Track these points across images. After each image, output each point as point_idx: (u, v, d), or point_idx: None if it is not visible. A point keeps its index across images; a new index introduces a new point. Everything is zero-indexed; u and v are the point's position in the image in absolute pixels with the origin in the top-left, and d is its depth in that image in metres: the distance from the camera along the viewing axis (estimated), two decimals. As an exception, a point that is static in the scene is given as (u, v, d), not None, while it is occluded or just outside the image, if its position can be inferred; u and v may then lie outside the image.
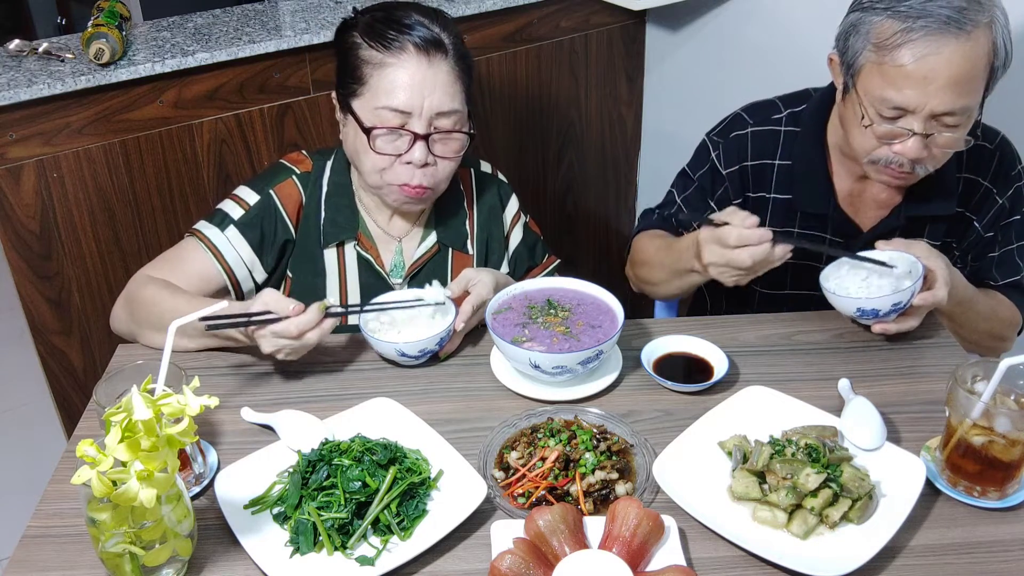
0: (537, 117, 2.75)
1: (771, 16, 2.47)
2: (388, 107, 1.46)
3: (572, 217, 3.00)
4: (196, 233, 1.58)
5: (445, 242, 1.66)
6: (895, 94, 1.37)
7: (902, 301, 1.39)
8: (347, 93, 1.52)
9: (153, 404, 0.99)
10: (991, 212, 1.58)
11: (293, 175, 1.61)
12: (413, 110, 1.46)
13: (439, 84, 1.47)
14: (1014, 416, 1.14)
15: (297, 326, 1.33)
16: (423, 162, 1.49)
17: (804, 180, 1.61)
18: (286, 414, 1.33)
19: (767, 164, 1.63)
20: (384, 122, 1.47)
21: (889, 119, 1.40)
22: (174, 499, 1.05)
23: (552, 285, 1.52)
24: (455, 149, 1.52)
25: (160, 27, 2.28)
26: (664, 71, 2.88)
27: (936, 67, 1.33)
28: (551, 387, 1.39)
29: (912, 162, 1.43)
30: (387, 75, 1.46)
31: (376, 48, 1.47)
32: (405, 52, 1.46)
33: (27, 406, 2.96)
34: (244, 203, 1.59)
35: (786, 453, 1.19)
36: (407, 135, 1.48)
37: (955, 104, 1.36)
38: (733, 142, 1.65)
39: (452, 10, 2.39)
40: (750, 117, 1.66)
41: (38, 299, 2.11)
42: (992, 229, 1.60)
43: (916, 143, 1.40)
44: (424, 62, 1.46)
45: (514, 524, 1.13)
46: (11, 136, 1.97)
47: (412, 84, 1.46)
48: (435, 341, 1.42)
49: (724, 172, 1.65)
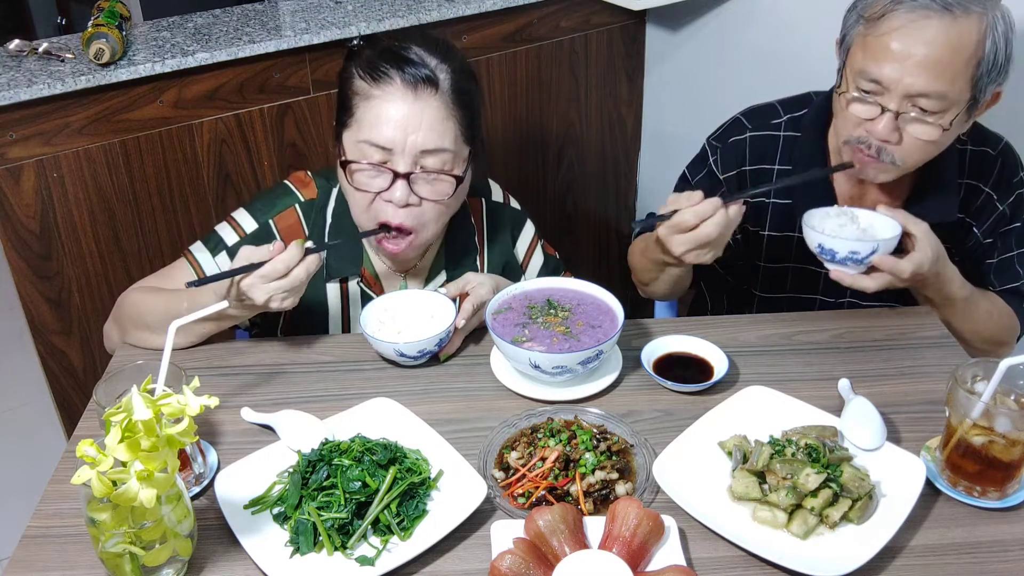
0: (537, 117, 2.75)
1: (771, 16, 2.47)
2: (370, 141, 1.40)
3: (572, 217, 3.00)
4: (188, 255, 1.54)
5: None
6: (873, 66, 1.38)
7: (860, 252, 1.38)
8: (339, 125, 1.47)
9: (153, 404, 0.99)
10: (991, 218, 1.58)
11: (297, 204, 1.55)
12: (395, 146, 1.40)
13: (425, 121, 1.40)
14: (1014, 416, 1.14)
15: (283, 262, 1.30)
16: (404, 202, 1.42)
17: (804, 186, 1.60)
18: (286, 414, 1.33)
19: (766, 169, 1.63)
20: (365, 157, 1.42)
21: (865, 92, 1.41)
22: (174, 499, 1.05)
23: (552, 285, 1.52)
24: (442, 192, 1.44)
25: (160, 27, 2.28)
26: (664, 71, 2.88)
27: (915, 42, 1.34)
28: (551, 387, 1.39)
29: (880, 145, 1.43)
30: (372, 108, 1.41)
31: (366, 80, 1.42)
32: (392, 85, 1.40)
33: (27, 406, 2.96)
34: (240, 229, 1.54)
35: (786, 453, 1.19)
36: (387, 173, 1.42)
37: (930, 86, 1.35)
38: (731, 147, 1.65)
39: (452, 10, 2.39)
40: (749, 122, 1.66)
41: (38, 299, 2.11)
42: (991, 235, 1.59)
43: (888, 122, 1.40)
44: (410, 97, 1.39)
45: (514, 524, 1.13)
46: (11, 136, 1.97)
47: (397, 119, 1.39)
48: (434, 342, 1.42)
49: (722, 177, 1.65)
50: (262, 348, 1.52)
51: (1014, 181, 1.58)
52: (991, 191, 1.57)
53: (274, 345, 1.52)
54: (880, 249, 1.38)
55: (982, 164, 1.57)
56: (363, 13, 2.35)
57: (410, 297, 1.52)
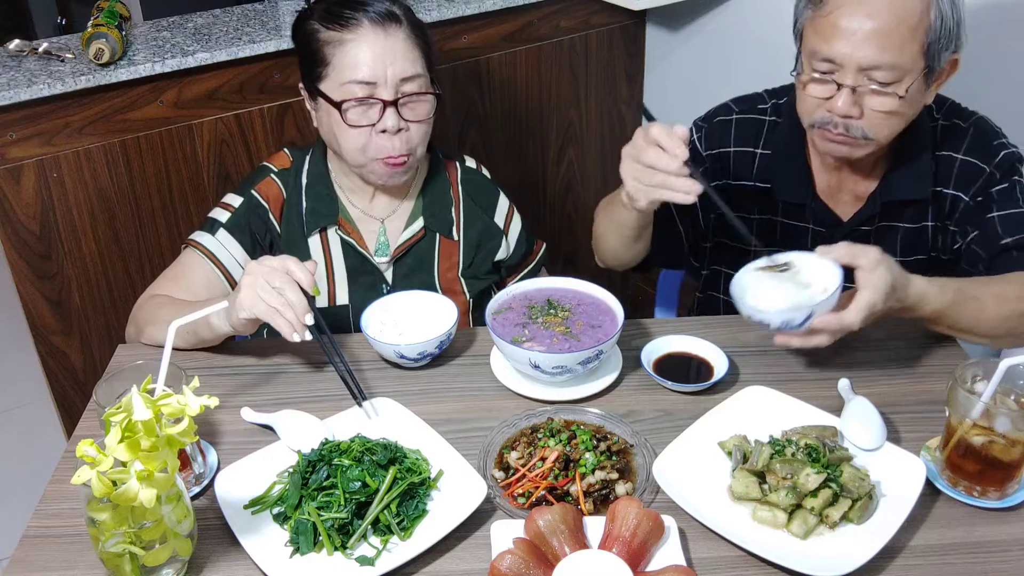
0: (537, 117, 2.75)
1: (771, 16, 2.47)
2: (354, 80, 1.51)
3: (572, 217, 3.00)
4: (191, 243, 1.62)
5: (432, 228, 1.68)
6: (824, 46, 1.39)
7: (794, 320, 1.26)
8: (313, 78, 1.56)
9: (153, 404, 0.99)
10: (977, 182, 1.54)
11: (271, 173, 1.66)
12: (378, 79, 1.51)
13: (399, 52, 1.52)
14: (1014, 416, 1.14)
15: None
16: (397, 127, 1.53)
17: (783, 169, 1.62)
18: (286, 414, 1.33)
19: (749, 152, 1.65)
20: (352, 95, 1.52)
21: (821, 73, 1.42)
22: (174, 499, 1.05)
23: (552, 285, 1.52)
24: (425, 111, 1.57)
25: (160, 27, 2.28)
26: (664, 71, 2.88)
27: (860, 16, 1.36)
28: (551, 387, 1.39)
29: (845, 122, 1.43)
30: (349, 51, 1.51)
31: (334, 28, 1.52)
32: (362, 27, 1.51)
33: (27, 406, 2.96)
34: (230, 207, 1.63)
35: (786, 453, 1.19)
36: (376, 103, 1.52)
37: (881, 58, 1.36)
38: (717, 126, 1.67)
39: (452, 10, 2.39)
40: (736, 106, 1.68)
41: (38, 299, 2.11)
42: (981, 194, 1.54)
43: (846, 98, 1.40)
44: (381, 33, 1.51)
45: (514, 524, 1.13)
46: (11, 136, 1.97)
47: (373, 55, 1.51)
48: (435, 344, 1.42)
49: (704, 154, 1.66)
50: (262, 348, 1.52)
51: (994, 144, 1.55)
52: (965, 156, 1.55)
53: (274, 345, 1.52)
54: (816, 312, 1.25)
55: (953, 136, 1.56)
56: (363, 13, 2.34)
57: (412, 298, 1.53)
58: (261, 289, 1.33)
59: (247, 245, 1.62)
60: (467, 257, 1.71)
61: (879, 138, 1.45)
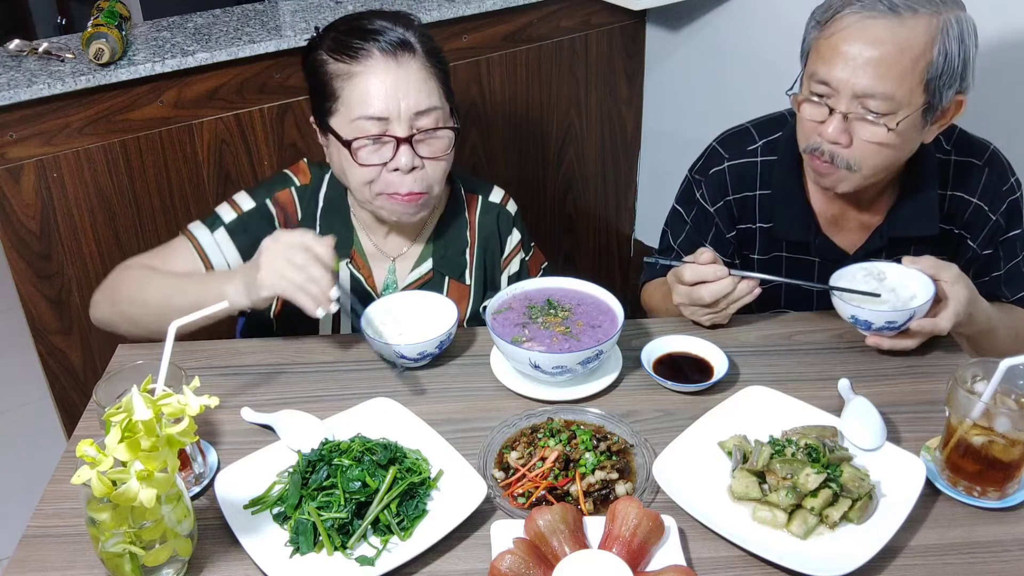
0: (537, 117, 2.75)
1: (771, 16, 2.47)
2: (365, 116, 1.42)
3: (572, 217, 3.00)
4: (186, 232, 1.56)
5: (441, 270, 1.62)
6: (823, 68, 1.39)
7: (897, 321, 1.38)
8: (323, 113, 1.48)
9: (153, 404, 0.99)
10: (985, 229, 1.56)
11: (292, 187, 1.58)
12: (390, 115, 1.42)
13: (412, 83, 1.43)
14: (1014, 416, 1.14)
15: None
16: (410, 166, 1.44)
17: (783, 208, 1.60)
18: (286, 414, 1.33)
19: (748, 196, 1.63)
20: (364, 132, 1.43)
21: (817, 96, 1.42)
22: (174, 499, 1.05)
23: (552, 285, 1.52)
24: (442, 148, 1.48)
25: (160, 27, 2.28)
26: (664, 71, 2.88)
27: (861, 43, 1.35)
28: (551, 387, 1.39)
29: (832, 149, 1.42)
30: (358, 84, 1.42)
31: (342, 60, 1.43)
32: (372, 58, 1.42)
33: (27, 406, 2.96)
34: (238, 207, 1.56)
35: (786, 453, 1.19)
36: (389, 141, 1.44)
37: (876, 86, 1.35)
38: (713, 178, 1.64)
39: (452, 10, 2.39)
40: (725, 151, 1.64)
41: (38, 299, 2.11)
42: (990, 246, 1.58)
43: (837, 124, 1.40)
44: (393, 64, 1.42)
45: (514, 524, 1.13)
46: (11, 136, 1.97)
47: (385, 88, 1.41)
48: (435, 344, 1.42)
49: (711, 209, 1.65)
50: (262, 348, 1.52)
51: (1003, 190, 1.55)
52: (979, 202, 1.55)
53: (274, 345, 1.52)
54: (917, 314, 1.37)
55: (968, 175, 1.56)
56: (363, 13, 2.35)
57: (412, 298, 1.52)
58: (283, 267, 1.29)
59: (244, 249, 1.55)
60: (477, 302, 1.65)
61: (863, 170, 1.44)
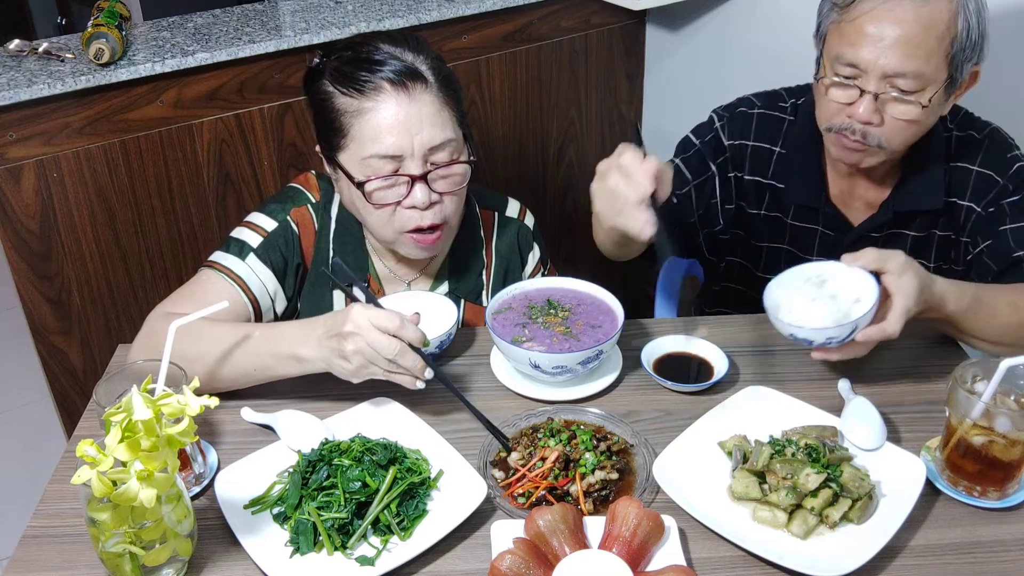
0: (537, 117, 2.75)
1: (771, 16, 2.47)
2: (376, 155, 1.36)
3: (572, 217, 3.00)
4: (215, 265, 1.46)
5: (458, 294, 1.59)
6: (849, 50, 1.39)
7: (837, 337, 1.26)
8: (331, 148, 1.43)
9: (153, 404, 0.99)
10: (990, 193, 1.54)
11: (309, 204, 1.53)
12: (404, 152, 1.36)
13: (426, 117, 1.36)
14: (1014, 416, 1.14)
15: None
16: (427, 202, 1.39)
17: (797, 171, 1.61)
18: (286, 414, 1.33)
19: (767, 149, 1.64)
20: (376, 172, 1.38)
21: (844, 78, 1.42)
22: (174, 499, 1.05)
23: (552, 285, 1.52)
24: (458, 182, 1.43)
25: (160, 27, 2.28)
26: (664, 71, 2.88)
27: (887, 23, 1.36)
28: (551, 387, 1.39)
29: (864, 129, 1.43)
30: (368, 121, 1.36)
31: (350, 94, 1.37)
32: (382, 92, 1.36)
33: (27, 406, 2.96)
34: (261, 230, 1.50)
35: (786, 453, 1.19)
36: (404, 179, 1.38)
37: (905, 66, 1.36)
38: (739, 117, 1.66)
39: (452, 10, 2.39)
40: (758, 100, 1.67)
41: (38, 299, 2.11)
42: (993, 205, 1.54)
43: (868, 104, 1.40)
44: (405, 98, 1.36)
45: (514, 524, 1.13)
46: (11, 136, 1.97)
47: (396, 124, 1.35)
48: (435, 344, 1.41)
49: (727, 143, 1.66)
50: (262, 348, 1.51)
51: (1008, 156, 1.55)
52: (980, 168, 1.55)
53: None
54: (860, 325, 1.25)
55: (968, 147, 1.56)
56: (363, 13, 2.35)
57: (412, 298, 1.52)
58: (372, 361, 1.21)
59: (278, 270, 1.49)
60: None
61: (894, 146, 1.45)
